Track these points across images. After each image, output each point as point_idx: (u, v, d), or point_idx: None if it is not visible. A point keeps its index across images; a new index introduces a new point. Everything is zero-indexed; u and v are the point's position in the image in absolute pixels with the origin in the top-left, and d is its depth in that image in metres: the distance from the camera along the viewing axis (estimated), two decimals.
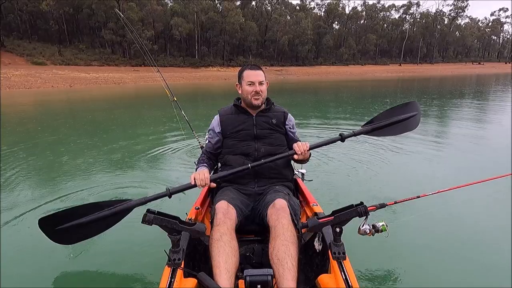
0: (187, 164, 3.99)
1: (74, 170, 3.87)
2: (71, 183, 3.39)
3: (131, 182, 3.40)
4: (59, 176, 3.65)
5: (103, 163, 4.13)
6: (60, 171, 3.84)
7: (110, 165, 4.05)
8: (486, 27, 76.55)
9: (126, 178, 3.53)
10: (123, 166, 4.01)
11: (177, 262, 1.25)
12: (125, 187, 3.25)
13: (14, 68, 27.07)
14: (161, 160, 4.30)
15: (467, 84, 21.93)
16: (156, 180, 3.44)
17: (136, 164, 4.10)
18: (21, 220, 2.56)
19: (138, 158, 4.37)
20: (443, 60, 67.99)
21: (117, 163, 4.15)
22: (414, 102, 1.96)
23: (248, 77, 1.73)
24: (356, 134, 1.81)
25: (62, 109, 11.28)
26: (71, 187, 3.28)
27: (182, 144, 5.04)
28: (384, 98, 13.41)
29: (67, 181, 3.47)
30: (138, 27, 37.73)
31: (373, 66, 54.46)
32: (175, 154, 4.55)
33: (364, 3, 64.48)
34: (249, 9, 52.76)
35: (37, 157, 4.50)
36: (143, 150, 4.75)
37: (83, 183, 3.38)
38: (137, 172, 3.80)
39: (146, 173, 3.75)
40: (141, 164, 4.10)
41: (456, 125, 6.94)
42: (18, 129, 6.85)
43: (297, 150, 1.61)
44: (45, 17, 37.25)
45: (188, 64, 42.29)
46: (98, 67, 34.08)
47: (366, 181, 3.36)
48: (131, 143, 5.29)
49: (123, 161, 4.22)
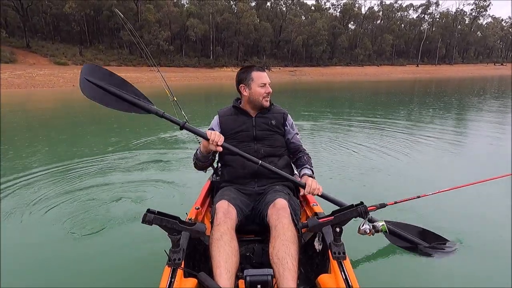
0: (187, 164, 3.98)
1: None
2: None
3: (129, 184, 3.34)
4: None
5: (103, 163, 4.17)
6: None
7: (110, 165, 4.07)
8: (510, 26, 73.42)
9: (122, 179, 3.49)
10: (121, 167, 3.99)
11: (177, 262, 1.25)
12: (120, 187, 3.23)
13: (38, 68, 28.24)
14: (161, 161, 4.28)
15: (487, 87, 21.08)
16: (155, 181, 3.39)
17: (135, 164, 4.08)
18: (23, 219, 2.59)
19: (138, 158, 4.36)
20: (463, 61, 65.76)
21: (116, 163, 4.17)
22: (452, 242, 1.97)
23: (260, 79, 1.73)
24: (372, 222, 1.65)
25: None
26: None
27: (181, 145, 5.08)
28: (396, 100, 13.11)
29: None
30: (155, 29, 38.55)
31: (389, 67, 53.32)
32: (175, 154, 4.58)
33: (381, 3, 63.27)
34: (264, 10, 52.77)
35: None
36: (143, 151, 4.76)
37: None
38: (137, 173, 3.76)
39: (145, 173, 3.71)
40: (141, 165, 4.07)
41: (456, 125, 6.84)
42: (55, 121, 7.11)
43: (307, 189, 1.59)
44: (67, 19, 38.63)
45: (203, 65, 42.77)
46: (117, 67, 35.00)
47: (366, 181, 3.33)
48: (130, 143, 5.31)
49: (122, 162, 4.22)
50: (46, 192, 3.14)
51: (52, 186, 3.29)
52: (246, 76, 1.76)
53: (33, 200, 2.94)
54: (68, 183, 3.40)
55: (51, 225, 2.47)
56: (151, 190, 3.13)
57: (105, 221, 2.49)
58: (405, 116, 8.16)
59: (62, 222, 2.50)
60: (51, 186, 3.32)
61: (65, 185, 3.32)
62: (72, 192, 3.11)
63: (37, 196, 3.03)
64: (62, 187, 3.28)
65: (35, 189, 3.22)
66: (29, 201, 2.91)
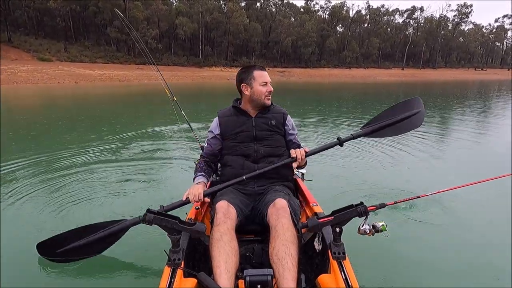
0: (187, 164, 3.97)
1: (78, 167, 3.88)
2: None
3: (128, 184, 3.31)
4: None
5: (102, 163, 4.11)
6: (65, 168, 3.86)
7: (109, 165, 4.02)
8: (490, 33, 76.27)
9: (122, 179, 3.45)
10: (120, 166, 3.94)
11: (177, 262, 1.24)
12: (120, 187, 3.18)
13: (21, 63, 27.27)
14: (161, 160, 4.27)
15: (469, 89, 21.86)
16: (155, 183, 3.35)
17: (135, 164, 4.05)
18: (20, 218, 2.54)
19: (137, 159, 4.32)
20: (446, 65, 67.75)
21: (116, 163, 4.12)
22: (417, 98, 1.81)
23: (261, 78, 1.73)
24: (355, 137, 1.71)
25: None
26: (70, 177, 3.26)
27: (182, 144, 5.04)
28: (384, 98, 13.39)
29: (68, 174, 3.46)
30: (143, 26, 37.90)
31: (376, 70, 54.37)
32: (175, 155, 4.54)
33: (369, 6, 64.46)
34: (253, 10, 52.77)
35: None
36: (143, 150, 4.73)
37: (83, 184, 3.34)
38: (136, 173, 3.72)
39: (145, 173, 3.69)
40: (141, 165, 4.04)
41: (456, 125, 6.97)
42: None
43: (297, 157, 1.58)
44: (51, 14, 37.38)
45: (191, 64, 42.37)
46: (103, 65, 34.22)
47: (366, 181, 3.35)
48: (130, 142, 5.28)
49: (122, 161, 4.18)
50: (46, 192, 3.08)
51: (52, 187, 3.21)
52: (248, 76, 1.75)
53: (28, 200, 2.88)
54: (68, 183, 3.32)
55: (51, 225, 2.40)
56: (151, 190, 3.10)
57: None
58: None
59: (62, 222, 2.44)
60: (50, 186, 3.24)
61: (65, 185, 3.26)
62: (72, 192, 3.06)
63: (33, 197, 2.96)
64: (62, 186, 3.22)
65: (29, 191, 3.13)
66: (22, 202, 2.83)
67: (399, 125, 1.72)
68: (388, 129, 1.73)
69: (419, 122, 1.75)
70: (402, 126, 1.73)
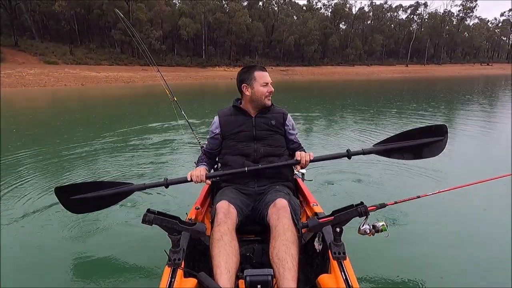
0: (186, 165, 3.99)
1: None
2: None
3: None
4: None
5: (103, 163, 4.16)
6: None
7: (109, 165, 4.06)
8: (495, 27, 75.12)
9: (122, 179, 3.47)
10: (120, 166, 3.98)
11: (177, 262, 1.25)
12: None
13: (28, 67, 27.67)
14: (161, 161, 4.28)
15: (475, 85, 21.55)
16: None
17: (135, 164, 4.07)
18: (24, 217, 2.58)
19: (138, 158, 4.36)
20: (450, 61, 66.92)
21: (115, 163, 4.15)
22: (444, 126, 1.66)
23: (262, 78, 1.73)
24: (365, 153, 1.68)
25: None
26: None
27: (181, 144, 5.07)
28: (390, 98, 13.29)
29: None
30: (146, 28, 38.12)
31: (379, 67, 53.92)
32: (175, 154, 4.57)
33: (371, 3, 63.96)
34: (256, 10, 52.75)
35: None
36: (143, 150, 4.76)
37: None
38: (136, 172, 3.76)
39: (145, 173, 3.71)
40: (141, 164, 4.06)
41: (456, 125, 6.89)
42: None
43: (302, 161, 1.61)
44: (57, 18, 37.82)
45: (195, 64, 42.56)
46: (108, 66, 34.54)
47: (366, 181, 3.35)
48: (130, 143, 5.32)
49: (121, 161, 4.21)
50: (44, 192, 3.11)
51: (51, 186, 3.25)
52: (249, 76, 1.76)
53: (29, 201, 2.92)
54: (67, 182, 3.36)
55: (50, 225, 2.44)
56: (151, 189, 3.10)
57: (104, 221, 2.47)
58: (406, 116, 8.18)
59: (61, 222, 2.47)
60: (49, 185, 3.28)
61: (70, 175, 3.35)
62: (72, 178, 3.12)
63: (33, 197, 3.00)
64: (66, 176, 3.31)
65: (31, 190, 3.19)
66: (24, 203, 2.88)
67: (415, 151, 1.63)
68: (401, 152, 1.65)
69: (439, 151, 1.64)
70: (418, 152, 1.63)
